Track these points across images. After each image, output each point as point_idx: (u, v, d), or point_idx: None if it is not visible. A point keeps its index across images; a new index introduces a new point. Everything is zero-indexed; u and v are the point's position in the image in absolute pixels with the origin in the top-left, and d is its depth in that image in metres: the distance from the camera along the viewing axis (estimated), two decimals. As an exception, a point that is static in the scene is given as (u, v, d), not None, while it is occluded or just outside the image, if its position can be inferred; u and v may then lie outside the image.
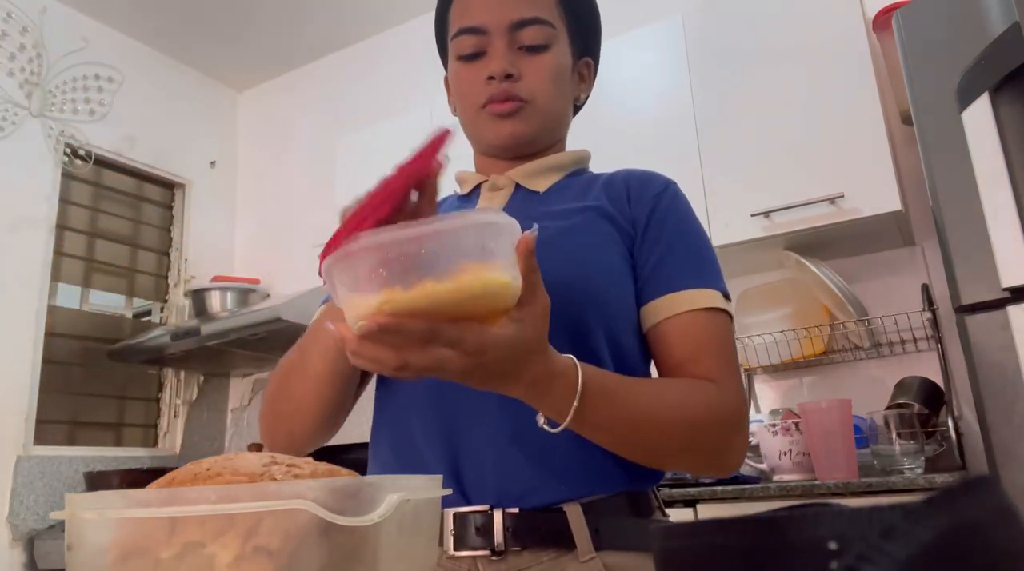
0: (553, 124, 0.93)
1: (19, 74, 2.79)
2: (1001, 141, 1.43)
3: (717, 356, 0.79)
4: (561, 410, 0.66)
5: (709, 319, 0.80)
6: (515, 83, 0.88)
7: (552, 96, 0.91)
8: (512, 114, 0.89)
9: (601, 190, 0.89)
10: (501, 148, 0.92)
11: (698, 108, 2.20)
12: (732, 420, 0.77)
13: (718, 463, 0.79)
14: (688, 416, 0.74)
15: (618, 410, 0.70)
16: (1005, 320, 1.39)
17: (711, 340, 0.80)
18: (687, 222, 0.87)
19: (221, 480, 0.40)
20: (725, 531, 0.27)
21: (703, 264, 0.84)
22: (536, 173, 0.93)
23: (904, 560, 0.22)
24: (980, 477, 0.25)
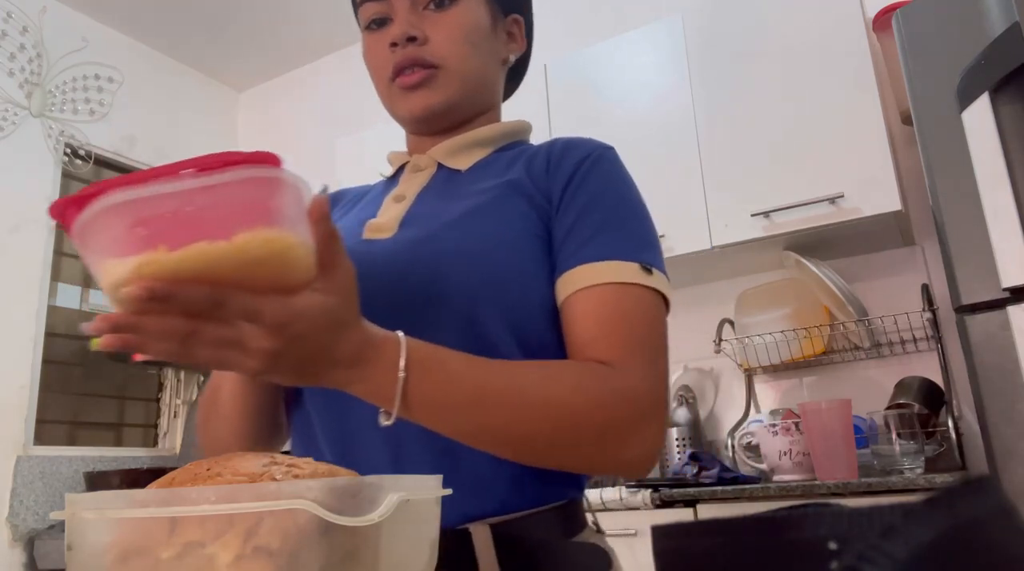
0: (474, 89, 0.83)
1: (19, 74, 2.79)
2: (1001, 141, 1.43)
3: (622, 336, 0.67)
4: (388, 391, 0.57)
5: (621, 294, 0.68)
6: (421, 47, 0.79)
7: (466, 57, 0.80)
8: (421, 84, 0.79)
9: (523, 163, 0.79)
10: (416, 123, 0.83)
11: (698, 108, 2.20)
12: (628, 409, 0.64)
13: (610, 460, 0.65)
14: (559, 398, 0.62)
15: (463, 388, 0.60)
16: (1005, 320, 1.39)
17: (616, 318, 0.67)
18: (610, 187, 0.75)
19: (221, 480, 0.40)
20: (725, 531, 0.27)
21: (621, 232, 0.72)
22: (458, 150, 0.83)
23: (904, 560, 0.22)
24: (980, 477, 0.25)
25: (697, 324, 2.42)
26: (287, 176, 0.47)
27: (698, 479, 1.81)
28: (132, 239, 0.43)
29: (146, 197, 0.43)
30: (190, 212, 0.43)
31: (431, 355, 0.60)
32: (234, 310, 0.48)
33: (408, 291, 0.70)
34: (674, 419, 2.25)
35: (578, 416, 0.62)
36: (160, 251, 0.43)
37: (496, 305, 0.69)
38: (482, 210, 0.74)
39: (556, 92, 2.45)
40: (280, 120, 3.55)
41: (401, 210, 0.79)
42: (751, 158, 2.09)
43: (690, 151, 2.18)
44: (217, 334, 0.48)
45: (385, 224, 0.78)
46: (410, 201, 0.80)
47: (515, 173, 0.78)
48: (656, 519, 0.85)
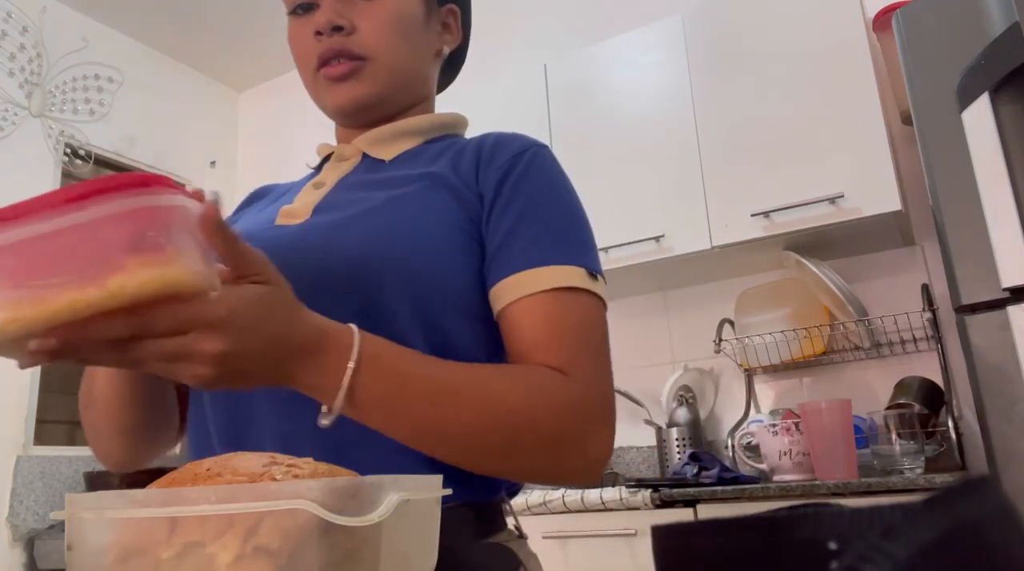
0: (404, 82, 0.79)
1: (19, 74, 2.79)
2: (1001, 141, 1.43)
3: (571, 342, 0.65)
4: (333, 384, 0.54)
5: (565, 301, 0.66)
6: (348, 37, 0.76)
7: (396, 48, 0.77)
8: (348, 76, 0.76)
9: (450, 157, 0.76)
10: (343, 116, 0.80)
11: (698, 108, 2.20)
12: (583, 416, 0.62)
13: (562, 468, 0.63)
14: (514, 404, 0.60)
15: (414, 385, 0.57)
16: (1005, 320, 1.39)
17: (563, 324, 0.65)
18: (547, 188, 0.73)
19: (221, 480, 0.40)
20: (725, 531, 0.27)
21: (561, 236, 0.70)
22: (384, 139, 0.80)
23: (904, 560, 0.22)
24: (980, 477, 0.25)
25: (697, 324, 2.43)
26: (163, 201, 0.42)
27: (698, 479, 1.81)
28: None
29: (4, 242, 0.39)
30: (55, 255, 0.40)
31: (384, 349, 0.57)
32: (162, 328, 0.45)
33: (312, 277, 0.65)
34: (674, 419, 2.25)
35: (533, 423, 0.60)
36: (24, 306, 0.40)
37: (406, 297, 0.66)
38: (401, 199, 0.71)
39: (556, 92, 2.45)
40: (280, 120, 3.55)
41: (318, 197, 0.76)
42: (751, 158, 2.09)
43: (690, 151, 2.18)
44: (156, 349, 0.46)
45: (299, 210, 0.75)
46: (328, 188, 0.78)
47: (439, 166, 0.75)
48: (656, 519, 0.84)
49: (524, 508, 1.88)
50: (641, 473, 2.42)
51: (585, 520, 1.83)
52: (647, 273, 2.30)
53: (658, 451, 2.27)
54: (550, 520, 1.86)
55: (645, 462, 2.43)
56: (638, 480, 1.87)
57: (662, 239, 2.16)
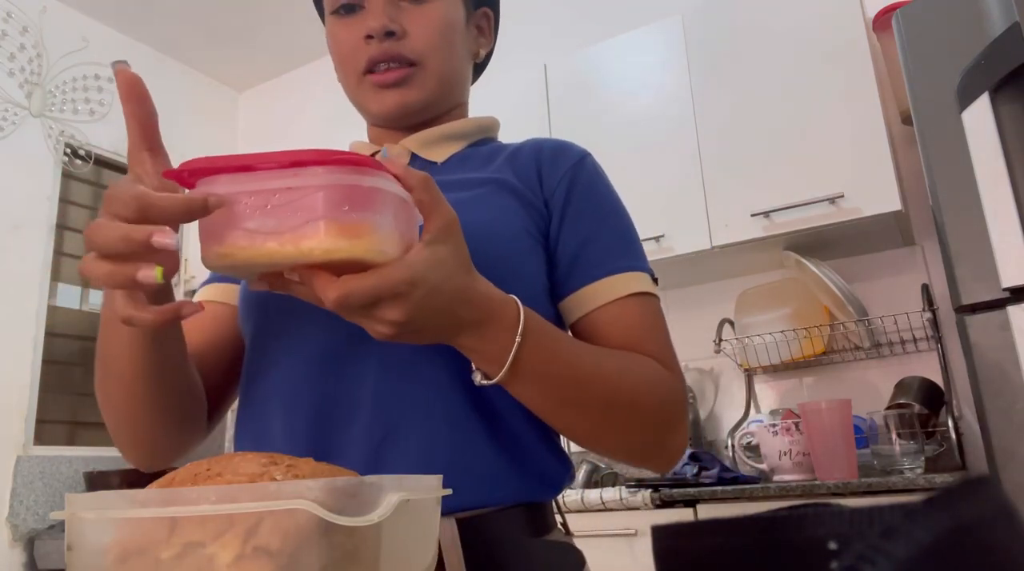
0: (449, 87, 0.80)
1: (19, 74, 2.79)
2: (1001, 141, 1.43)
3: (659, 341, 0.72)
4: (501, 352, 0.58)
5: (644, 304, 0.72)
6: (399, 41, 0.75)
7: (445, 55, 0.78)
8: (399, 83, 0.76)
9: (506, 161, 0.78)
10: (388, 120, 0.80)
11: (698, 108, 2.20)
12: (679, 402, 0.69)
13: (660, 450, 0.69)
14: (636, 384, 0.66)
15: (562, 360, 0.62)
16: (1005, 320, 1.39)
17: (649, 325, 0.72)
18: (611, 199, 0.77)
19: (221, 480, 0.40)
20: (725, 531, 0.27)
21: (630, 245, 0.75)
22: (434, 141, 0.81)
23: (904, 560, 0.22)
24: (980, 477, 0.25)
25: (697, 324, 2.42)
26: (357, 180, 0.47)
27: (698, 479, 1.81)
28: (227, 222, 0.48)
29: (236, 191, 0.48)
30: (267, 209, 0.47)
31: (541, 325, 0.61)
32: (355, 301, 0.50)
33: None
34: (674, 419, 2.25)
35: (651, 404, 0.66)
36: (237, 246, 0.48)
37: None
38: (472, 202, 0.72)
39: (556, 92, 2.45)
40: (280, 120, 3.55)
41: None
42: (751, 158, 2.09)
43: (690, 151, 2.18)
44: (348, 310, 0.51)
45: None
46: None
47: (500, 171, 0.76)
48: (656, 519, 0.85)
49: (524, 508, 1.88)
50: (641, 473, 2.42)
51: (585, 520, 1.83)
52: (647, 273, 2.30)
53: (658, 451, 2.27)
54: (550, 520, 1.86)
55: (645, 462, 2.43)
56: (638, 480, 1.87)
57: (662, 239, 2.16)
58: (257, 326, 0.73)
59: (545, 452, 0.71)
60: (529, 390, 0.62)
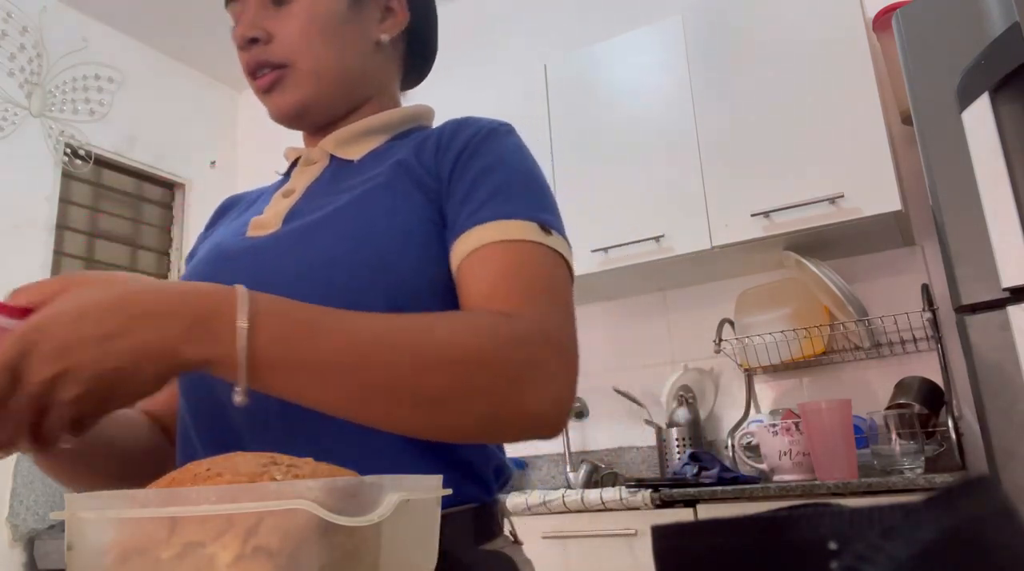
0: (336, 82, 0.76)
1: (19, 74, 2.79)
2: (1001, 141, 1.43)
3: (520, 287, 0.61)
4: (228, 348, 0.48)
5: (515, 251, 0.63)
6: (265, 47, 0.74)
7: (319, 51, 0.74)
8: (273, 87, 0.74)
9: (414, 145, 0.74)
10: (286, 123, 0.78)
11: (698, 108, 2.20)
12: (530, 350, 0.57)
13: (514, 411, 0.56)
14: (448, 339, 0.55)
15: (335, 342, 0.52)
16: (1005, 320, 1.39)
17: (513, 271, 0.62)
18: (505, 157, 0.70)
19: (221, 480, 0.40)
20: (725, 531, 0.27)
21: (513, 194, 0.66)
22: (349, 140, 0.78)
23: (904, 560, 0.22)
24: (980, 477, 0.25)
25: (697, 324, 2.43)
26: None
27: (698, 479, 1.81)
28: None
29: None
30: None
31: (286, 306, 0.52)
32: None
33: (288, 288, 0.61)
34: (674, 419, 2.25)
35: (474, 360, 0.54)
36: None
37: (381, 297, 0.63)
38: (367, 197, 0.69)
39: (556, 92, 2.45)
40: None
41: (288, 205, 0.74)
42: (751, 158, 2.09)
43: (690, 151, 2.18)
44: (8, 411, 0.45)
45: (269, 220, 0.73)
46: (298, 195, 0.76)
47: (404, 163, 0.72)
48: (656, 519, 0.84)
49: (524, 508, 1.88)
50: (641, 473, 2.42)
51: (585, 520, 1.83)
52: (647, 273, 2.30)
53: (658, 451, 2.27)
54: (550, 520, 1.86)
55: (645, 462, 2.43)
56: (638, 480, 1.87)
57: (662, 239, 2.16)
58: None
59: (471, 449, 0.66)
60: (302, 388, 0.51)
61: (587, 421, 2.54)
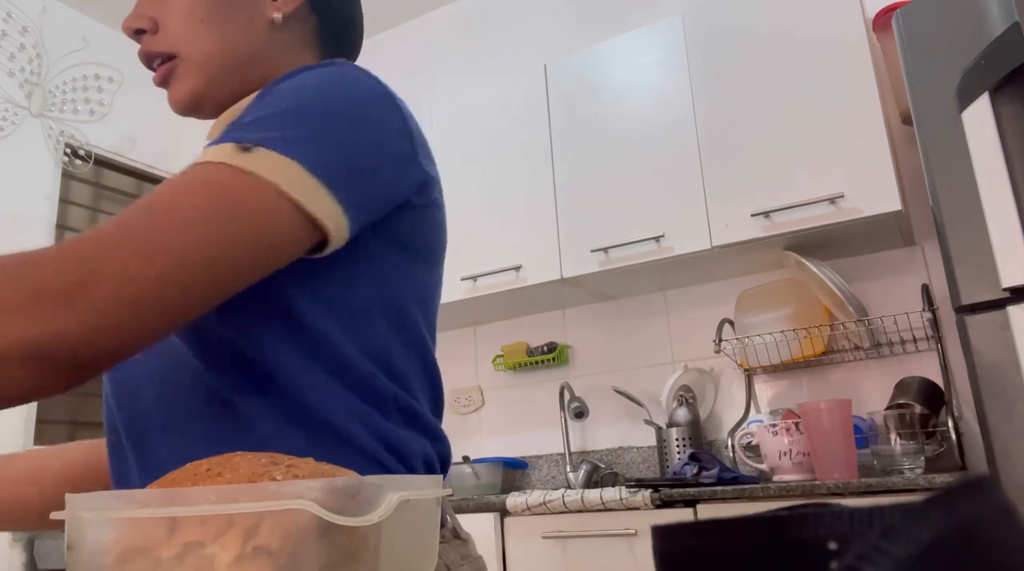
0: (226, 67, 0.70)
1: (19, 74, 2.79)
2: (1001, 141, 1.43)
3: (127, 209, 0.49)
4: None
5: (185, 173, 0.51)
6: (152, 37, 0.71)
7: (202, 39, 0.69)
8: (167, 80, 0.71)
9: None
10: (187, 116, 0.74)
11: (698, 108, 2.20)
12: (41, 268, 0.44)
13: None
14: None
15: None
16: (1005, 320, 1.39)
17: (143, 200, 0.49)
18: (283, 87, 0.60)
19: (221, 480, 0.40)
20: (725, 531, 0.27)
21: (257, 120, 0.55)
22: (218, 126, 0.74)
23: (904, 560, 0.22)
24: (980, 477, 0.25)
25: (697, 324, 2.43)
26: None
27: (698, 479, 1.81)
28: None
29: None
30: None
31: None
32: None
33: None
34: (674, 419, 2.25)
35: None
36: None
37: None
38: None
39: (556, 92, 2.45)
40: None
41: None
42: (751, 158, 2.09)
43: (690, 151, 2.18)
44: None
45: None
46: None
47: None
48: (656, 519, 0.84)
49: (524, 508, 1.88)
50: (641, 473, 2.42)
51: (585, 520, 1.83)
52: (647, 273, 2.30)
53: (658, 451, 2.27)
54: (550, 520, 1.86)
55: (645, 462, 2.43)
56: (638, 480, 1.87)
57: (662, 239, 2.16)
58: None
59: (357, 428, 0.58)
60: None
61: (587, 421, 2.54)
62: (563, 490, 1.92)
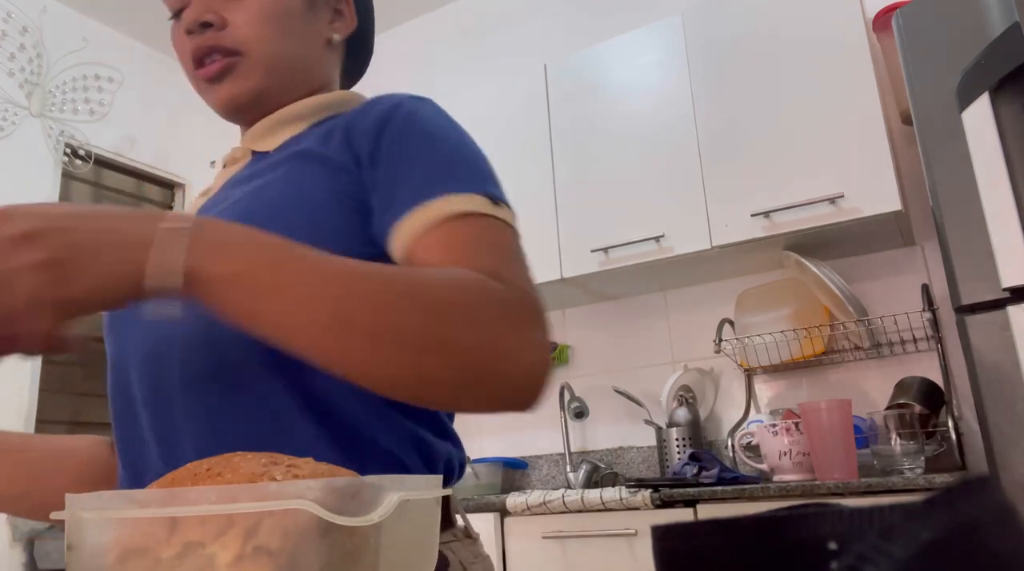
0: (286, 74, 0.74)
1: (19, 74, 2.79)
2: (1001, 141, 1.43)
3: (493, 254, 0.58)
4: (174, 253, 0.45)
5: (473, 224, 0.59)
6: (218, 32, 0.71)
7: (273, 40, 0.72)
8: (223, 75, 0.72)
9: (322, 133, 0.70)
10: (228, 115, 0.76)
11: (698, 108, 2.20)
12: (512, 308, 0.53)
13: (495, 372, 0.51)
14: (435, 282, 0.51)
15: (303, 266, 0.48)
16: (1005, 320, 1.39)
17: (479, 242, 0.58)
18: (431, 130, 0.66)
19: (221, 480, 0.40)
20: (725, 531, 0.27)
21: (453, 168, 0.62)
22: (266, 132, 0.75)
23: (904, 560, 0.22)
24: (980, 477, 0.25)
25: (697, 324, 2.43)
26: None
27: (698, 479, 1.81)
28: None
29: None
30: None
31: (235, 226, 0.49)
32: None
33: None
34: (674, 419, 2.25)
35: (461, 307, 0.50)
36: None
37: None
38: (272, 182, 0.66)
39: (556, 92, 2.45)
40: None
41: (199, 204, 0.73)
42: (751, 158, 2.09)
43: (690, 151, 2.18)
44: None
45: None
46: (212, 194, 0.75)
47: (310, 145, 0.68)
48: (656, 519, 0.84)
49: (524, 508, 1.88)
50: (641, 473, 2.42)
51: (585, 520, 1.83)
52: (647, 273, 2.30)
53: (658, 451, 2.27)
54: (550, 520, 1.86)
55: (645, 462, 2.43)
56: (638, 480, 1.87)
57: (662, 239, 2.16)
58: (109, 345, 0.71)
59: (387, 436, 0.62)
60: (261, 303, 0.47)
61: (587, 421, 2.54)
62: (563, 490, 1.92)
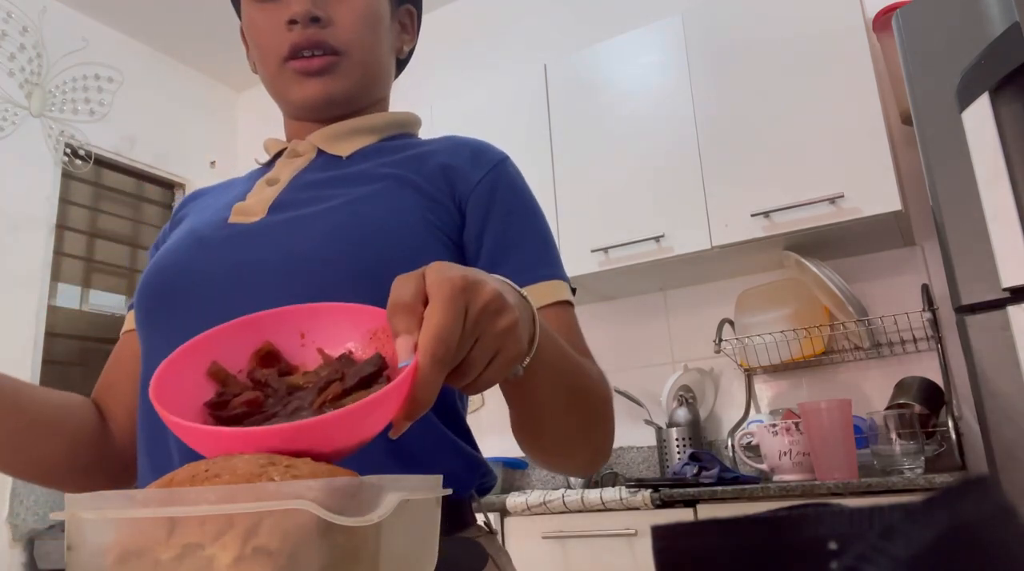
0: (372, 80, 0.79)
1: (19, 74, 2.79)
2: (1001, 141, 1.43)
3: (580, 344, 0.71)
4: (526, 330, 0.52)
5: (567, 313, 0.72)
6: (324, 29, 0.73)
7: (369, 44, 0.76)
8: (323, 71, 0.74)
9: (413, 158, 0.75)
10: (310, 110, 0.78)
11: (698, 108, 2.20)
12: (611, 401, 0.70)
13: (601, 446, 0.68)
14: (597, 380, 0.67)
15: (562, 354, 0.59)
16: (1005, 320, 1.39)
17: (577, 332, 0.72)
18: (532, 204, 0.76)
19: (220, 480, 0.40)
20: (725, 531, 0.27)
21: (550, 252, 0.74)
22: (341, 135, 0.78)
23: (904, 560, 0.22)
24: (980, 477, 0.25)
25: (697, 324, 2.43)
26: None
27: (698, 479, 1.81)
28: None
29: None
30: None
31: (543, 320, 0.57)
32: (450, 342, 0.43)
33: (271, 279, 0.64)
34: (674, 419, 2.25)
35: (607, 398, 0.67)
36: None
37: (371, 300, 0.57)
38: (365, 198, 0.69)
39: (556, 92, 2.45)
40: (279, 120, 3.55)
41: (272, 194, 0.73)
42: (751, 158, 2.09)
43: (690, 151, 2.18)
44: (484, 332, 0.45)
45: (253, 207, 0.72)
46: (283, 185, 0.75)
47: (402, 167, 0.73)
48: (656, 519, 0.84)
49: (524, 508, 1.88)
50: (641, 473, 2.42)
51: (585, 520, 1.83)
52: (647, 273, 2.30)
53: (658, 451, 2.27)
54: (550, 520, 1.86)
55: (645, 462, 2.43)
56: (638, 480, 1.87)
57: (662, 239, 2.16)
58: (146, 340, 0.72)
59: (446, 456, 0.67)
60: (548, 379, 0.57)
61: (587, 421, 2.53)
62: (563, 490, 1.92)
